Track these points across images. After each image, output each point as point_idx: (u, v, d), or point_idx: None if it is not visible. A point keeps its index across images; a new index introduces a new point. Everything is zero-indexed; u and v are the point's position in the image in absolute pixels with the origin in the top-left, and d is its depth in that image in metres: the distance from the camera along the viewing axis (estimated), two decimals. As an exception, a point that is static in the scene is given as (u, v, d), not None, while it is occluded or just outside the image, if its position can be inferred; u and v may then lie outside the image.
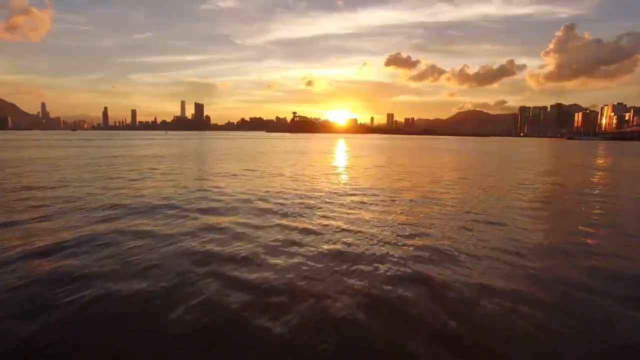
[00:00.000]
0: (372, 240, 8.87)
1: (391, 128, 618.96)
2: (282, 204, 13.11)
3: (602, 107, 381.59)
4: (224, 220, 10.57)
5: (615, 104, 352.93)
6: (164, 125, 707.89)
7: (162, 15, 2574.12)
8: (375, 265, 7.19)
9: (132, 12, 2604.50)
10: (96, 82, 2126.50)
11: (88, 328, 4.91)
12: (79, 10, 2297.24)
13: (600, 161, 40.55)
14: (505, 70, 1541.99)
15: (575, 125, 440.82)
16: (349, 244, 8.52)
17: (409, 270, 6.93)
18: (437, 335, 4.81)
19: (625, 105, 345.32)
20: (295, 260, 7.42)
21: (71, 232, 9.09)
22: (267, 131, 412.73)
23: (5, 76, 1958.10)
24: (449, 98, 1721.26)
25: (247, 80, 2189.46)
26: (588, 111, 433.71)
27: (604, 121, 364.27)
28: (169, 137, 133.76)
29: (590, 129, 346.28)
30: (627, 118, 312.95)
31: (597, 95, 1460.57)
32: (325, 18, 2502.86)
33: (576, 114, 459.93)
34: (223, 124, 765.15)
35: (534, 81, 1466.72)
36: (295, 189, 16.64)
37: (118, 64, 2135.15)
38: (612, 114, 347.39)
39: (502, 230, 10.04)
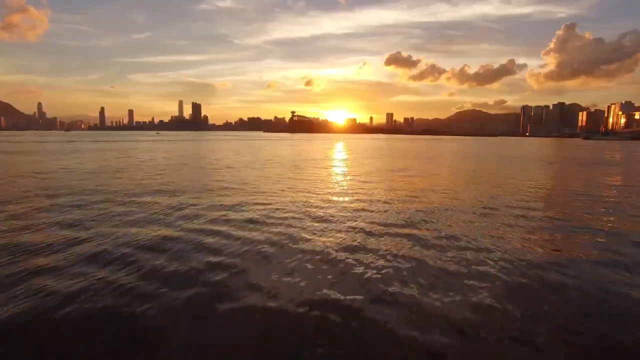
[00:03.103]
0: None
1: (391, 128, 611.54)
2: None
3: (609, 106, 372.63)
4: None
5: (623, 102, 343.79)
6: (162, 125, 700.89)
7: (160, 15, 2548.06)
8: None
9: (131, 12, 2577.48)
10: (95, 82, 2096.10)
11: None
12: (78, 10, 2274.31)
13: None
14: (506, 70, 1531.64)
15: (580, 124, 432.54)
16: None
17: None
18: None
19: (633, 103, 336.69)
20: None
21: None
22: (265, 131, 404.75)
23: (2, 76, 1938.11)
24: (448, 98, 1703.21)
25: (246, 80, 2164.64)
26: (594, 110, 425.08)
27: (610, 120, 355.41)
28: (159, 138, 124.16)
29: (596, 128, 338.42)
30: (637, 117, 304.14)
31: (597, 94, 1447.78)
32: (324, 18, 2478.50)
33: (580, 113, 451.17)
34: (221, 124, 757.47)
35: (534, 80, 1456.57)
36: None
37: (117, 63, 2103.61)
38: (620, 112, 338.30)
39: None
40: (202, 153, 47.80)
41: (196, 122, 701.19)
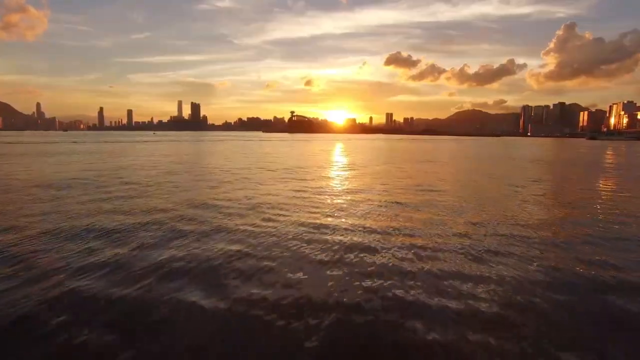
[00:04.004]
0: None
1: (390, 128, 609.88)
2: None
3: (610, 106, 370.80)
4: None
5: (625, 102, 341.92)
6: (161, 126, 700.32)
7: (160, 15, 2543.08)
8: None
9: (130, 12, 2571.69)
10: (94, 82, 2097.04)
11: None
12: (77, 10, 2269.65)
13: None
14: (506, 70, 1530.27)
15: (580, 124, 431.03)
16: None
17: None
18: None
19: (635, 103, 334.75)
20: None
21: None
22: (264, 131, 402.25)
23: (1, 76, 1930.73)
24: (447, 98, 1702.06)
25: (245, 80, 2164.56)
26: (594, 110, 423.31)
27: (612, 120, 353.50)
28: (155, 138, 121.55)
29: (597, 128, 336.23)
30: (639, 117, 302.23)
31: (597, 94, 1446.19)
32: (323, 18, 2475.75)
33: (581, 113, 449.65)
34: (220, 124, 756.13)
35: (534, 80, 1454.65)
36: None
37: (116, 64, 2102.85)
38: (623, 112, 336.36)
39: None
40: (194, 157, 43.06)
41: (195, 122, 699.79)
